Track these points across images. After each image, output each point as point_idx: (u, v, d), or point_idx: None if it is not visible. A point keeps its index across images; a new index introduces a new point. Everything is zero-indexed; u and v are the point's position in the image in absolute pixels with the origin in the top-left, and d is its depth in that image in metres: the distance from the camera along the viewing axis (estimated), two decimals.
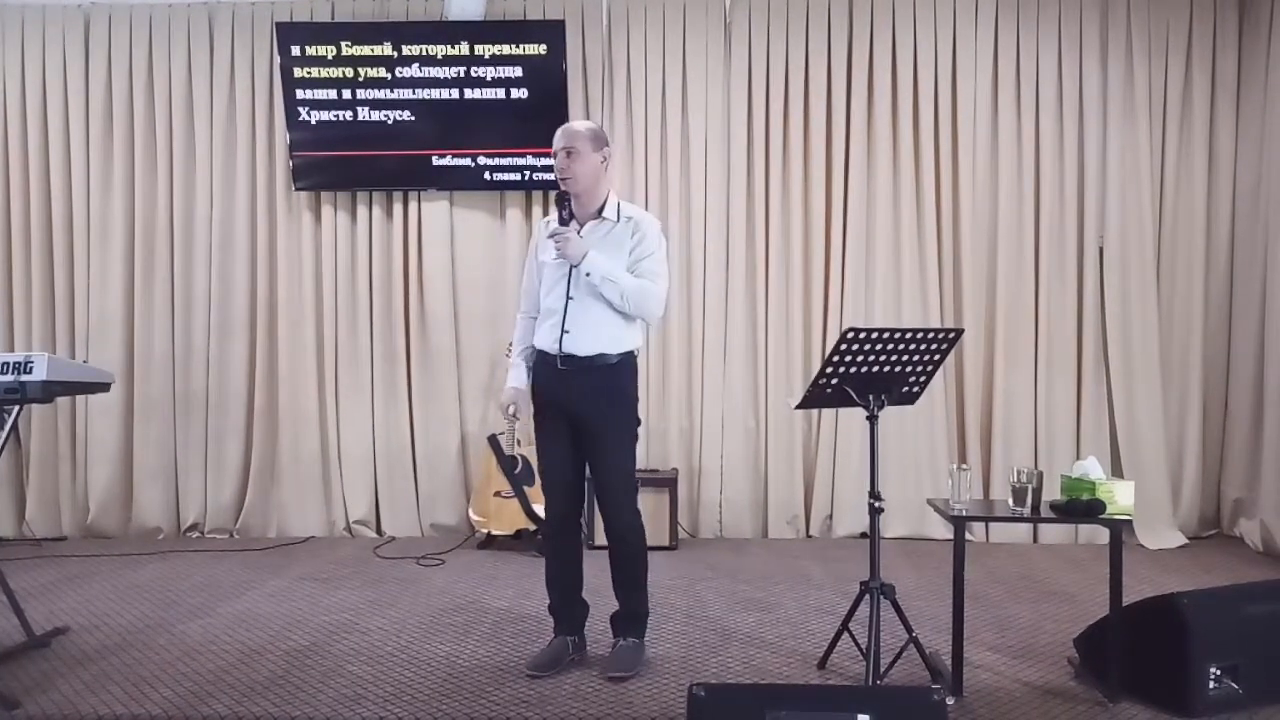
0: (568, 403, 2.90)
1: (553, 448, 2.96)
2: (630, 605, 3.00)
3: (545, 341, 2.93)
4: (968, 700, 2.67)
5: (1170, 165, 4.79)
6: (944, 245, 4.84)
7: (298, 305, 4.99)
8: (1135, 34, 4.74)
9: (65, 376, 3.24)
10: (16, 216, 5.00)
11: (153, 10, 4.96)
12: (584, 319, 2.87)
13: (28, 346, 4.98)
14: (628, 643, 2.96)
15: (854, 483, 4.73)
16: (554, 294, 2.91)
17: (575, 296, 2.87)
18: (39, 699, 2.69)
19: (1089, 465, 2.81)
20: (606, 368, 2.89)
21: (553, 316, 2.90)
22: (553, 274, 2.93)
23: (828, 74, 4.83)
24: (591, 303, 2.87)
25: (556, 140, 2.91)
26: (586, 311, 2.87)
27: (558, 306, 2.89)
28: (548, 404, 2.96)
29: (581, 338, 2.87)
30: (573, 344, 2.87)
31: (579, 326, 2.87)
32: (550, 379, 2.93)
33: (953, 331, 2.78)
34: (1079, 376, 4.79)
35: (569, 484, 2.97)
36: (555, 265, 2.91)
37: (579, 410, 2.90)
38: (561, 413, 2.92)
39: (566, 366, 2.88)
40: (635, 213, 2.99)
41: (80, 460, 5.01)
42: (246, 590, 3.90)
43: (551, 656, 2.93)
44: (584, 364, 2.87)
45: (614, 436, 2.92)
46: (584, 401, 2.88)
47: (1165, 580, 3.88)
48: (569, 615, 3.02)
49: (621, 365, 2.93)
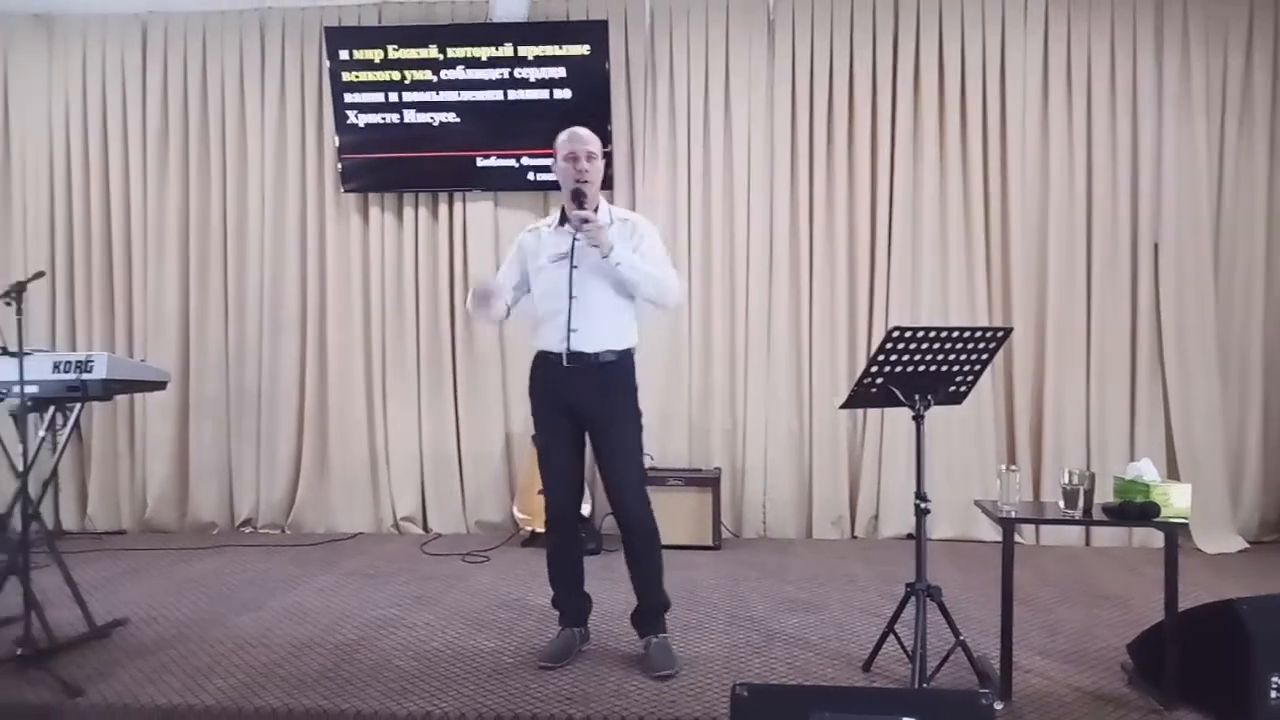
0: (575, 401, 2.93)
1: (555, 446, 3.01)
2: (651, 599, 3.02)
3: (548, 341, 2.96)
4: (1017, 705, 2.63)
5: (1230, 161, 4.66)
6: (992, 243, 4.76)
7: (346, 306, 5.08)
8: (1192, 26, 4.61)
9: (124, 375, 3.34)
10: (78, 221, 5.16)
11: (206, 18, 5.08)
12: (589, 317, 2.91)
13: (88, 346, 5.14)
14: (659, 640, 2.99)
15: (900, 483, 4.68)
16: (555, 294, 2.94)
17: (579, 295, 2.91)
18: (100, 687, 2.77)
19: (1143, 467, 2.74)
20: (612, 364, 2.94)
21: (556, 316, 2.93)
22: (552, 275, 2.96)
23: (872, 71, 4.78)
24: (595, 301, 2.91)
25: (575, 144, 2.98)
26: (591, 309, 2.91)
27: (560, 306, 2.92)
28: (552, 402, 2.99)
29: (589, 335, 2.91)
30: (580, 342, 2.90)
31: (585, 324, 2.91)
32: (555, 378, 2.95)
33: (1001, 330, 2.73)
34: (1133, 376, 4.67)
35: (571, 481, 3.03)
36: (554, 266, 2.95)
37: (587, 407, 2.93)
38: (566, 410, 2.96)
39: (573, 364, 2.91)
40: (628, 214, 3.13)
41: (139, 457, 5.16)
42: (297, 585, 3.98)
43: (562, 648, 3.00)
44: (591, 361, 2.91)
45: (625, 430, 2.98)
46: (592, 398, 2.92)
47: (1223, 586, 3.77)
48: (575, 608, 3.10)
49: (625, 360, 2.99)
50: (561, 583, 3.11)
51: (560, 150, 3.01)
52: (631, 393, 3.01)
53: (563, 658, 2.96)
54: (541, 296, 3.00)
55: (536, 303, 3.03)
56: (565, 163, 2.98)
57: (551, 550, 3.11)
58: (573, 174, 2.96)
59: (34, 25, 5.15)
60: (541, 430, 3.06)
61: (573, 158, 2.97)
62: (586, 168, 2.96)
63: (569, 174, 2.97)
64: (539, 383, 3.03)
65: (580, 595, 3.13)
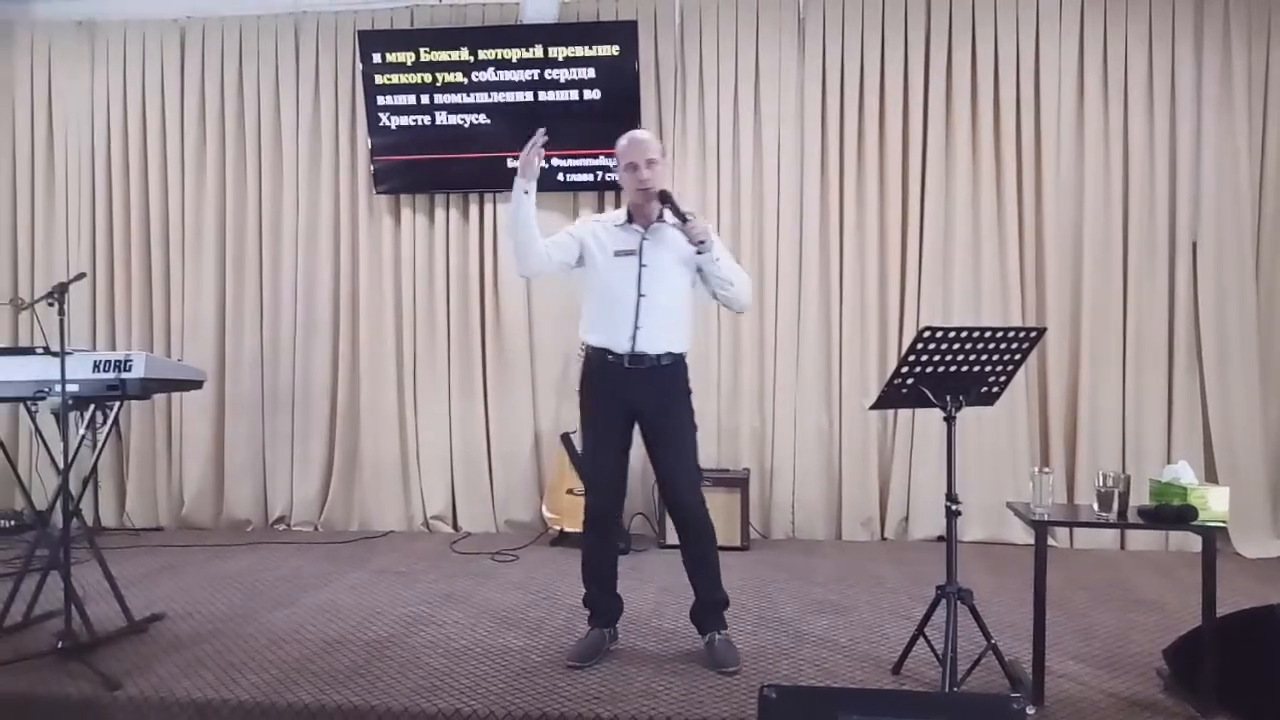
0: (634, 401, 2.93)
1: (606, 445, 3.00)
2: (712, 595, 3.04)
3: (609, 340, 2.95)
4: (1049, 710, 2.60)
5: (1272, 158, 4.56)
6: (1026, 243, 4.70)
7: (378, 306, 5.13)
8: (1234, 21, 4.53)
9: (162, 374, 3.39)
10: (118, 223, 5.26)
11: (243, 22, 5.16)
12: (655, 317, 2.91)
13: (127, 346, 5.23)
14: (722, 636, 3.00)
15: (931, 485, 4.63)
16: (621, 294, 2.92)
17: (647, 294, 2.90)
18: (138, 681, 2.83)
19: (1180, 470, 2.70)
20: (671, 365, 2.95)
21: (620, 314, 2.92)
22: (619, 273, 2.94)
23: (904, 70, 4.74)
24: (661, 302, 2.91)
25: (637, 151, 2.94)
26: (655, 310, 2.91)
27: (627, 305, 2.91)
28: (607, 403, 2.98)
29: (653, 336, 2.91)
30: (645, 341, 2.90)
31: (651, 324, 2.91)
32: (613, 377, 2.95)
33: (1034, 330, 2.70)
34: (1170, 378, 4.60)
35: (615, 482, 3.03)
36: (622, 264, 2.94)
37: (648, 408, 2.93)
38: (622, 410, 2.96)
39: (634, 365, 2.91)
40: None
41: (176, 455, 5.25)
42: (329, 582, 4.03)
43: (591, 647, 3.01)
44: (652, 362, 2.92)
45: (685, 432, 2.99)
46: (653, 399, 2.93)
47: (1263, 591, 3.69)
48: (607, 608, 3.11)
49: (682, 363, 3.01)
50: (595, 582, 3.11)
51: (621, 159, 3.00)
52: (688, 395, 3.03)
53: (590, 657, 2.98)
54: (604, 292, 2.98)
55: (596, 299, 3.01)
56: (627, 173, 2.97)
57: (587, 550, 3.12)
58: (634, 183, 2.95)
59: (76, 32, 5.26)
60: (591, 429, 3.05)
61: (632, 167, 2.95)
62: (648, 175, 2.92)
63: (630, 183, 2.97)
64: (595, 381, 3.02)
65: (613, 596, 3.13)
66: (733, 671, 2.87)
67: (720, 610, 3.06)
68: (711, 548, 3.05)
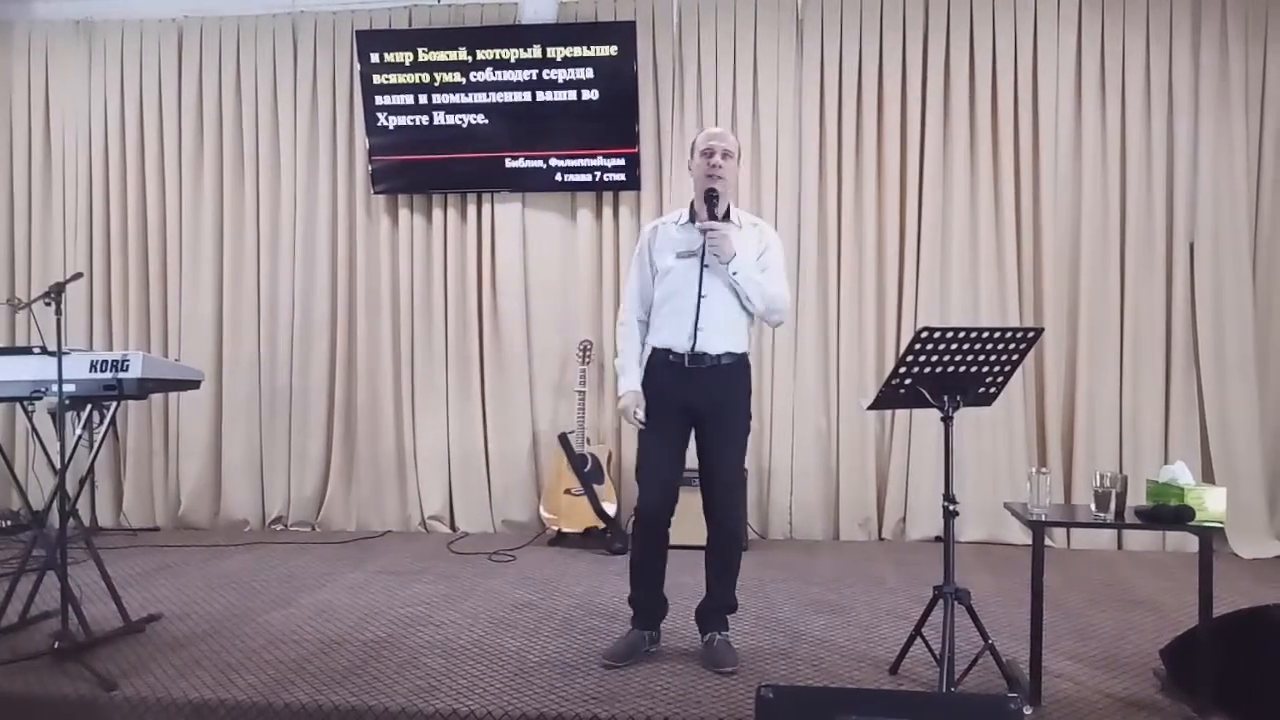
0: (693, 400, 2.93)
1: (663, 445, 2.98)
2: (724, 597, 3.04)
3: (671, 340, 2.95)
4: (1046, 710, 2.59)
5: (1269, 159, 4.57)
6: (1024, 243, 4.71)
7: (376, 306, 5.13)
8: (1231, 21, 4.53)
9: (159, 374, 3.38)
10: (115, 222, 5.26)
11: (240, 22, 5.16)
12: (716, 318, 2.91)
13: (125, 346, 5.23)
14: (723, 637, 3.01)
15: (928, 485, 4.64)
16: (683, 294, 2.92)
17: (708, 295, 2.90)
18: (134, 681, 2.82)
19: (1177, 470, 2.70)
20: (732, 366, 2.96)
21: (682, 315, 2.92)
22: (681, 273, 2.94)
23: (902, 69, 4.74)
24: (722, 302, 2.92)
25: (712, 140, 2.97)
26: (717, 310, 2.91)
27: (688, 306, 2.90)
28: (666, 402, 2.97)
29: (714, 336, 2.92)
30: (705, 342, 2.91)
31: (711, 325, 2.91)
32: (674, 377, 2.95)
33: (1032, 331, 2.70)
34: (1167, 378, 4.60)
35: (670, 482, 2.98)
36: (685, 265, 2.93)
37: (705, 408, 2.94)
38: (681, 411, 2.95)
39: (694, 365, 2.91)
40: (759, 222, 3.14)
41: (173, 455, 5.24)
42: (326, 582, 4.02)
43: (628, 648, 2.98)
44: (713, 362, 2.92)
45: (736, 434, 3.01)
46: (711, 399, 2.93)
47: (1260, 591, 3.70)
48: (650, 609, 3.07)
49: (743, 364, 3.01)
50: (643, 584, 3.05)
51: (697, 146, 3.01)
52: (748, 396, 3.03)
53: (627, 657, 2.94)
54: (666, 293, 2.97)
55: (659, 299, 3.00)
56: (701, 158, 2.98)
57: (637, 552, 3.06)
58: (705, 169, 2.95)
59: (74, 32, 5.26)
60: (650, 430, 3.00)
61: (708, 153, 2.96)
62: (720, 164, 2.94)
63: (702, 169, 2.97)
64: (655, 381, 3.00)
65: (659, 598, 3.09)
66: (730, 672, 2.87)
67: (726, 614, 3.06)
68: (737, 553, 3.06)
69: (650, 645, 3.04)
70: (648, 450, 3.02)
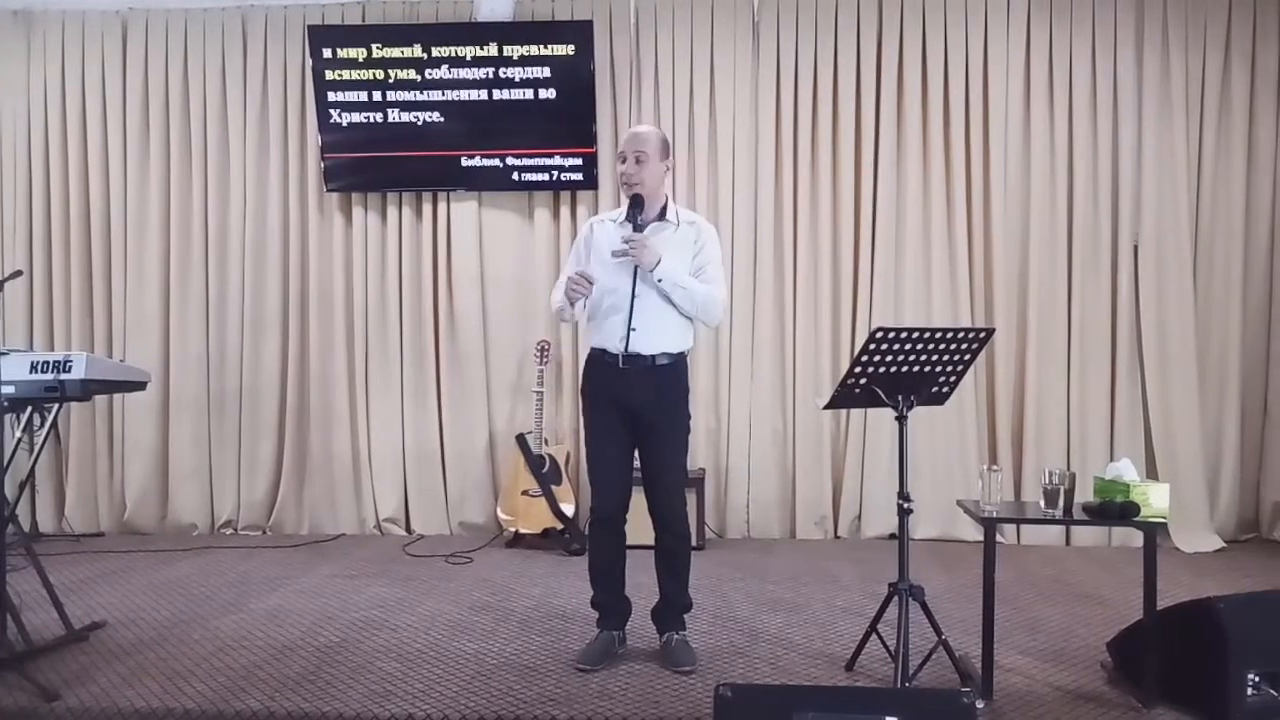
0: (629, 401, 2.92)
1: (607, 446, 2.98)
2: (677, 597, 3.04)
3: (606, 340, 2.95)
4: (998, 703, 2.64)
5: (1209, 162, 4.71)
6: (975, 244, 4.79)
7: (329, 306, 5.05)
8: (1172, 27, 4.66)
9: (103, 375, 3.30)
10: (56, 219, 5.11)
11: (188, 15, 5.04)
12: (649, 318, 2.90)
13: (67, 346, 5.09)
14: (680, 637, 3.01)
15: (883, 483, 4.70)
16: (617, 292, 2.91)
17: (641, 295, 2.89)
18: (78, 691, 2.74)
19: (1123, 467, 2.77)
20: (667, 366, 2.94)
21: (616, 314, 2.91)
22: (615, 271, 2.92)
23: (856, 71, 4.80)
24: (656, 302, 2.90)
25: (626, 144, 2.97)
26: (651, 310, 2.90)
27: (622, 305, 2.89)
28: (605, 402, 2.97)
29: (648, 336, 2.90)
30: (639, 342, 2.89)
31: (645, 325, 2.89)
32: (610, 378, 2.94)
33: (984, 331, 2.75)
34: (1113, 377, 4.71)
35: (620, 482, 2.98)
36: (619, 265, 2.91)
37: (641, 408, 2.92)
38: (619, 411, 2.95)
39: (629, 365, 2.90)
40: (696, 219, 3.09)
41: (118, 458, 5.11)
42: (278, 587, 3.95)
43: (601, 650, 2.97)
44: (647, 362, 2.91)
45: (674, 434, 2.98)
46: (646, 400, 2.91)
47: (1201, 585, 3.81)
48: (616, 610, 3.07)
49: (680, 363, 2.99)
50: (603, 584, 3.06)
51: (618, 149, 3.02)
52: (684, 396, 3.01)
53: (600, 660, 2.93)
54: (602, 292, 2.94)
55: (595, 298, 2.97)
56: (618, 162, 2.99)
57: (595, 552, 3.06)
58: (619, 177, 2.97)
59: (12, 22, 5.09)
60: (592, 431, 3.01)
61: (621, 157, 2.97)
62: (635, 170, 2.93)
63: (619, 174, 2.98)
64: (593, 382, 3.01)
65: (621, 598, 3.09)
66: (689, 671, 2.87)
67: (682, 613, 3.07)
68: (686, 551, 3.05)
69: (619, 646, 3.04)
70: (595, 451, 3.02)
